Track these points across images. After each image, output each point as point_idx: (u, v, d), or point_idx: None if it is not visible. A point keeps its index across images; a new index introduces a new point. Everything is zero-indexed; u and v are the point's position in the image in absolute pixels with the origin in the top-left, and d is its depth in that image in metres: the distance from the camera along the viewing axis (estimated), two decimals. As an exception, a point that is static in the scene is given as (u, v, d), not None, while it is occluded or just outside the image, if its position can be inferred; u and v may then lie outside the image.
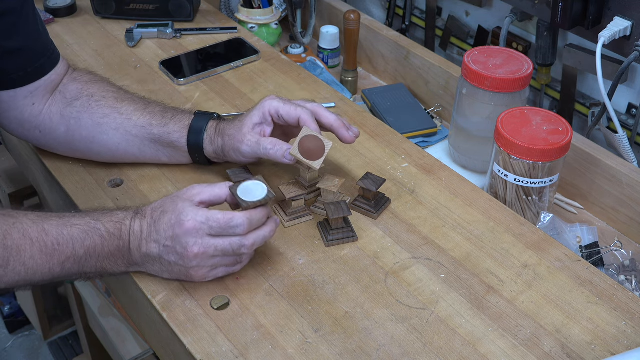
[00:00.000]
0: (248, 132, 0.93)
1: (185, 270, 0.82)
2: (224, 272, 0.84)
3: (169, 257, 0.81)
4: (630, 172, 1.02)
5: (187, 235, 0.79)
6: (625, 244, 1.04)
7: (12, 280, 0.78)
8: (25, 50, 0.93)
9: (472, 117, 1.11)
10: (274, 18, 1.42)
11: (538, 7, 1.19)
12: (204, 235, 0.79)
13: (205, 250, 0.80)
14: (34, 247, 0.78)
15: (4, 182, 1.79)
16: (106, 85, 1.01)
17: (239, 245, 0.81)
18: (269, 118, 0.94)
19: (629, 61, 1.07)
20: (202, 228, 0.79)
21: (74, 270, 0.81)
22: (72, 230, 0.80)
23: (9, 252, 0.76)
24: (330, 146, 0.91)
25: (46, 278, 0.80)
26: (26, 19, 0.92)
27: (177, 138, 0.98)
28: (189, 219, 0.79)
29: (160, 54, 1.30)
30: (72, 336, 2.07)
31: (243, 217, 0.80)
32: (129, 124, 0.98)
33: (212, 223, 0.79)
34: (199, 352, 0.78)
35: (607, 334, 0.81)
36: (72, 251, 0.80)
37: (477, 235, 0.93)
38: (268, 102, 0.95)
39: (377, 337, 0.80)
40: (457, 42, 1.44)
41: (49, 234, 0.79)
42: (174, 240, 0.80)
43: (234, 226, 0.80)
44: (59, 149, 1.03)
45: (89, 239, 0.80)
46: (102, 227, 0.81)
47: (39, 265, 0.78)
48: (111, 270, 0.84)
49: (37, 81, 0.96)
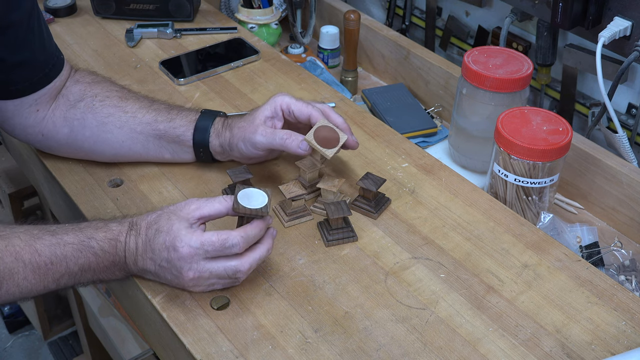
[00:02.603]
0: (260, 124, 0.94)
1: (181, 286, 0.82)
2: (221, 286, 0.84)
3: (165, 275, 0.81)
4: (630, 172, 1.02)
5: (182, 261, 0.78)
6: (625, 244, 1.04)
7: (7, 300, 0.77)
8: (31, 62, 0.93)
9: (472, 117, 1.11)
10: (274, 18, 1.42)
11: (538, 7, 1.19)
12: (199, 260, 0.79)
13: (201, 275, 0.79)
14: (27, 269, 0.76)
15: (4, 182, 1.79)
16: (109, 85, 1.02)
17: (234, 271, 0.80)
18: (280, 113, 0.95)
19: (629, 61, 1.07)
20: (198, 253, 0.78)
21: (69, 284, 0.81)
22: (65, 249, 0.78)
23: (1, 276, 0.75)
24: (345, 139, 0.93)
25: (42, 293, 0.80)
26: (32, 31, 0.91)
27: (183, 132, 0.98)
28: (183, 246, 0.78)
29: (160, 54, 1.30)
30: (72, 336, 2.07)
31: (238, 236, 0.78)
32: (134, 121, 0.98)
33: (207, 247, 0.78)
34: (199, 352, 0.78)
35: (607, 334, 0.81)
36: (66, 269, 0.79)
37: (477, 235, 0.93)
38: (280, 97, 0.96)
39: (377, 337, 0.80)
40: (457, 42, 1.44)
41: (41, 254, 0.77)
42: (169, 263, 0.79)
43: (230, 246, 0.78)
44: (61, 151, 1.03)
45: (83, 257, 0.79)
46: (96, 244, 0.80)
47: (33, 285, 0.77)
48: (108, 280, 0.84)
49: (42, 89, 0.96)
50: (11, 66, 0.90)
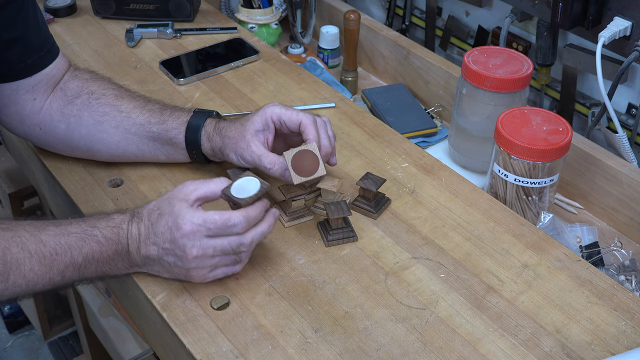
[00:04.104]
0: (251, 140, 0.93)
1: (185, 271, 0.82)
2: (223, 273, 0.84)
3: (168, 259, 0.81)
4: (630, 172, 1.02)
5: (185, 238, 0.79)
6: (625, 244, 1.04)
7: (14, 293, 0.78)
8: (25, 41, 0.93)
9: (472, 117, 1.11)
10: (274, 18, 1.42)
11: (538, 7, 1.19)
12: (202, 237, 0.79)
13: (204, 252, 0.80)
14: (33, 259, 0.78)
15: (4, 182, 1.79)
16: (106, 83, 1.02)
17: (238, 244, 0.81)
18: (271, 125, 0.94)
19: (629, 61, 1.07)
20: (200, 230, 0.79)
21: (74, 278, 0.81)
22: (69, 238, 0.80)
23: (8, 267, 0.76)
24: (322, 175, 0.89)
25: (47, 288, 0.80)
26: (26, 10, 0.93)
27: (175, 135, 0.98)
28: (185, 222, 0.79)
29: (160, 54, 1.30)
30: (72, 336, 2.07)
31: (240, 215, 0.80)
32: (128, 122, 0.98)
33: (210, 225, 0.79)
34: (199, 352, 0.78)
35: (607, 334, 0.81)
36: (70, 259, 0.80)
37: (477, 235, 0.93)
38: (270, 108, 0.94)
39: (377, 337, 0.80)
40: (457, 42, 1.44)
41: (46, 244, 0.79)
42: (173, 243, 0.80)
43: (232, 225, 0.80)
44: (59, 147, 1.03)
45: (87, 246, 0.80)
46: (99, 233, 0.81)
47: (39, 276, 0.78)
48: (112, 274, 0.84)
49: (38, 74, 0.96)
50: (4, 43, 0.91)
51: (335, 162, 0.96)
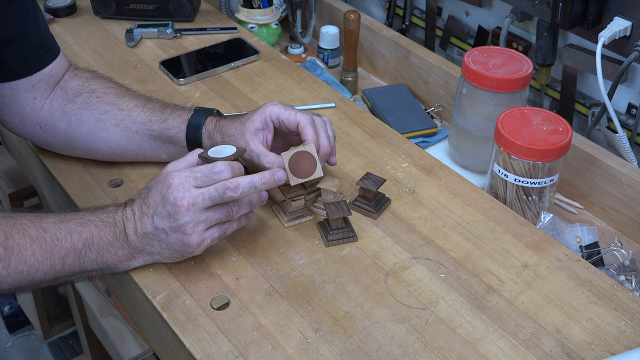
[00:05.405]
0: (250, 138, 0.93)
1: (182, 237, 0.82)
2: (219, 232, 0.84)
3: (162, 224, 0.82)
4: (630, 172, 1.02)
5: (175, 191, 0.81)
6: (625, 244, 1.04)
7: (15, 280, 0.79)
8: (25, 40, 0.94)
9: (472, 117, 1.11)
10: (274, 18, 1.42)
11: (538, 7, 1.19)
12: (190, 188, 0.81)
13: (195, 201, 0.81)
14: (34, 244, 0.79)
15: (4, 182, 1.79)
16: (107, 82, 1.02)
17: (224, 189, 0.82)
18: (271, 124, 0.94)
19: (629, 61, 1.07)
20: (188, 181, 0.81)
21: (75, 266, 0.82)
22: (69, 224, 0.82)
23: (10, 252, 0.78)
24: (319, 177, 0.90)
25: (48, 276, 0.81)
26: (27, 9, 0.93)
27: (176, 133, 0.98)
28: (173, 177, 0.82)
29: (160, 54, 1.30)
30: (72, 336, 2.07)
31: (224, 163, 0.83)
32: (129, 120, 0.99)
33: (197, 174, 0.82)
34: (199, 352, 0.78)
35: (607, 334, 0.81)
36: (70, 244, 0.81)
37: (477, 235, 0.93)
38: (269, 107, 0.94)
39: (377, 337, 0.80)
40: (457, 42, 1.44)
41: (47, 230, 0.81)
42: (164, 201, 0.81)
43: (217, 172, 0.82)
44: (59, 147, 1.03)
45: (86, 231, 0.82)
46: (97, 218, 0.84)
47: (40, 262, 0.80)
48: (112, 264, 0.84)
49: (38, 73, 0.96)
50: (5, 42, 0.91)
51: (335, 162, 0.96)
